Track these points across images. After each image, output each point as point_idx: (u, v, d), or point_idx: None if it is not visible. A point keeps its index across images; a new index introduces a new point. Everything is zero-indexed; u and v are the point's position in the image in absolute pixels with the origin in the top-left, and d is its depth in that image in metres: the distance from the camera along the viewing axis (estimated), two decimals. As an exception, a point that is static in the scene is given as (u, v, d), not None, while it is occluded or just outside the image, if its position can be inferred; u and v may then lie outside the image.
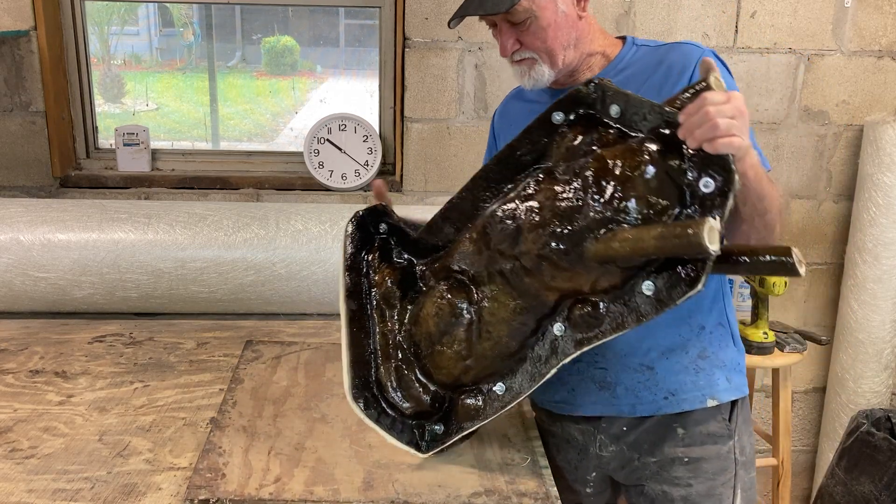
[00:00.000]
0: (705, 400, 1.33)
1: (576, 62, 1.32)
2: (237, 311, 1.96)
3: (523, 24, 1.27)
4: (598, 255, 1.06)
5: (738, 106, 1.00)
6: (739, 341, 1.41)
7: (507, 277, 1.17)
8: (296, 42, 2.72)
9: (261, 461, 1.27)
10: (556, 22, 1.27)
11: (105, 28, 2.66)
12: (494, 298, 1.20)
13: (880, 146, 2.35)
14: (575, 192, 1.10)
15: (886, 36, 2.41)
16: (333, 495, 1.19)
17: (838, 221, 2.57)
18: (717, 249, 0.95)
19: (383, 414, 1.27)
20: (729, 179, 1.00)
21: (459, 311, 1.22)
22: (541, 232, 1.11)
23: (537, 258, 1.12)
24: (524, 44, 1.29)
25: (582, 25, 1.31)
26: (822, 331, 2.65)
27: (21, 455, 1.31)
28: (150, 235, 1.90)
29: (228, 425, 1.38)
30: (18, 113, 2.30)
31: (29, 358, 1.70)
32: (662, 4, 2.34)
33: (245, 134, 2.78)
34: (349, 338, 1.28)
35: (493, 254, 1.19)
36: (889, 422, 2.27)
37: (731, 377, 1.36)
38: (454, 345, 1.23)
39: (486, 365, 1.23)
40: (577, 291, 1.13)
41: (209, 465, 1.24)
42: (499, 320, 1.19)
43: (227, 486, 1.19)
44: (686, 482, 1.35)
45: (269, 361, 1.65)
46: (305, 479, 1.23)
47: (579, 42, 1.31)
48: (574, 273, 1.10)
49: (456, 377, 1.26)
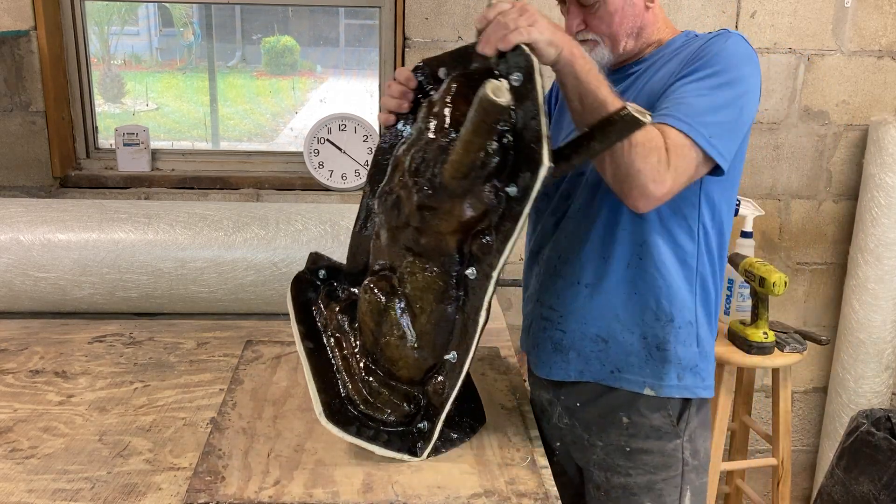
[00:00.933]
0: (643, 386, 1.36)
1: (635, 50, 1.37)
2: (237, 311, 1.96)
3: (592, 7, 1.31)
4: (450, 177, 1.14)
5: (521, 7, 1.09)
6: (707, 346, 1.39)
7: (411, 247, 1.24)
8: (296, 42, 2.72)
9: (260, 463, 1.26)
10: (624, 9, 1.31)
11: (105, 28, 2.66)
12: (411, 273, 1.25)
13: (883, 146, 2.35)
14: (422, 140, 1.20)
15: (886, 36, 2.41)
16: (333, 498, 1.19)
17: (838, 221, 2.57)
18: (507, 101, 1.06)
19: (363, 427, 1.28)
20: (528, 63, 1.08)
21: (386, 297, 1.26)
22: (410, 186, 1.20)
23: (419, 212, 1.19)
24: (589, 26, 1.33)
25: (648, 16, 1.35)
26: (823, 331, 2.65)
27: (21, 455, 1.31)
28: (150, 235, 1.90)
29: (228, 427, 1.37)
30: (18, 113, 2.30)
31: (29, 358, 1.69)
32: (662, 4, 2.33)
33: (245, 134, 2.78)
34: (312, 370, 1.32)
35: (393, 233, 1.26)
36: (889, 422, 2.27)
37: (683, 376, 1.36)
38: (394, 331, 1.26)
39: (432, 340, 1.26)
40: (465, 226, 1.19)
41: (209, 468, 1.24)
42: (422, 290, 1.24)
43: (227, 490, 1.19)
44: (626, 471, 1.39)
45: (269, 362, 1.65)
46: (305, 481, 1.22)
47: (642, 31, 1.35)
48: (449, 207, 1.17)
49: (414, 366, 1.28)
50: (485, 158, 1.12)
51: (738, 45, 1.26)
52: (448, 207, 1.18)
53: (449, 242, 1.21)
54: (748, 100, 1.25)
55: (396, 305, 1.26)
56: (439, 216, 1.19)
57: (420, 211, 1.20)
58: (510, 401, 1.52)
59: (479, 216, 1.17)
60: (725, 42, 1.26)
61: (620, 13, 1.32)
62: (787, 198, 2.54)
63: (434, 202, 1.18)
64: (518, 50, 1.09)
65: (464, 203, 1.17)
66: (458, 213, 1.18)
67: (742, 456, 2.53)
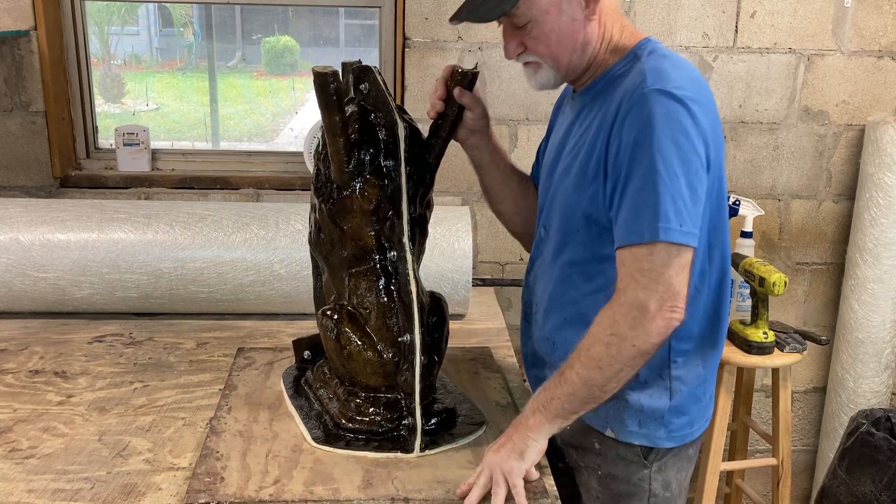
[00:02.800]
0: (605, 427, 1.32)
1: (584, 65, 1.27)
2: (237, 311, 1.96)
3: (525, 28, 1.22)
4: (337, 171, 1.29)
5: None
6: (686, 401, 1.31)
7: (346, 262, 1.35)
8: (296, 42, 2.72)
9: (259, 464, 1.27)
10: (560, 27, 1.21)
11: (105, 28, 2.66)
12: (352, 287, 1.35)
13: (881, 146, 2.35)
14: (318, 166, 1.38)
15: (886, 36, 2.41)
16: (334, 494, 1.19)
17: (838, 221, 2.57)
18: (333, 69, 1.23)
19: (350, 442, 1.33)
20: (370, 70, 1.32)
21: (336, 315, 1.35)
22: (319, 205, 1.36)
23: (333, 223, 1.33)
24: (528, 47, 1.24)
25: (592, 29, 1.24)
26: (822, 331, 2.65)
27: (21, 455, 1.31)
28: (150, 235, 1.90)
29: (224, 430, 1.37)
30: (18, 113, 2.30)
31: (29, 358, 1.70)
32: (662, 4, 2.34)
33: (245, 134, 2.78)
34: (297, 411, 1.43)
35: (329, 262, 1.40)
36: (889, 422, 2.27)
37: (646, 424, 1.30)
38: (351, 341, 1.34)
39: (385, 334, 1.33)
40: (371, 216, 1.30)
41: (207, 470, 1.24)
42: (363, 294, 1.34)
43: (227, 490, 1.19)
44: (597, 494, 1.36)
45: (262, 367, 1.64)
46: (304, 479, 1.23)
47: (587, 46, 1.24)
48: (350, 203, 1.30)
49: (380, 368, 1.34)
50: (349, 137, 1.26)
51: (658, 118, 1.12)
52: (349, 203, 1.30)
53: (367, 240, 1.32)
54: (688, 165, 1.13)
55: (346, 318, 1.34)
56: (347, 215, 1.31)
57: (333, 220, 1.33)
58: (504, 398, 1.52)
59: (375, 201, 1.29)
60: (645, 126, 1.12)
61: (557, 32, 1.21)
62: (786, 198, 2.54)
63: (338, 205, 1.31)
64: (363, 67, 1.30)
65: (357, 192, 1.29)
66: (359, 203, 1.30)
67: (742, 456, 2.53)
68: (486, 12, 1.21)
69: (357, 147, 1.28)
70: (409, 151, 1.31)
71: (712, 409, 1.40)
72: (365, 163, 1.29)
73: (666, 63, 1.19)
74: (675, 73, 1.16)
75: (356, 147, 1.28)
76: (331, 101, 1.24)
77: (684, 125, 1.12)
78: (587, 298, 1.28)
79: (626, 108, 1.16)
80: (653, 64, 1.19)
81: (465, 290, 1.95)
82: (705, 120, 1.15)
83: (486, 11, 1.21)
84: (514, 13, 1.21)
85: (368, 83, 1.31)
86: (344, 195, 1.30)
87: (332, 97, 1.24)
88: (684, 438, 1.32)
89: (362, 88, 1.31)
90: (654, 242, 1.11)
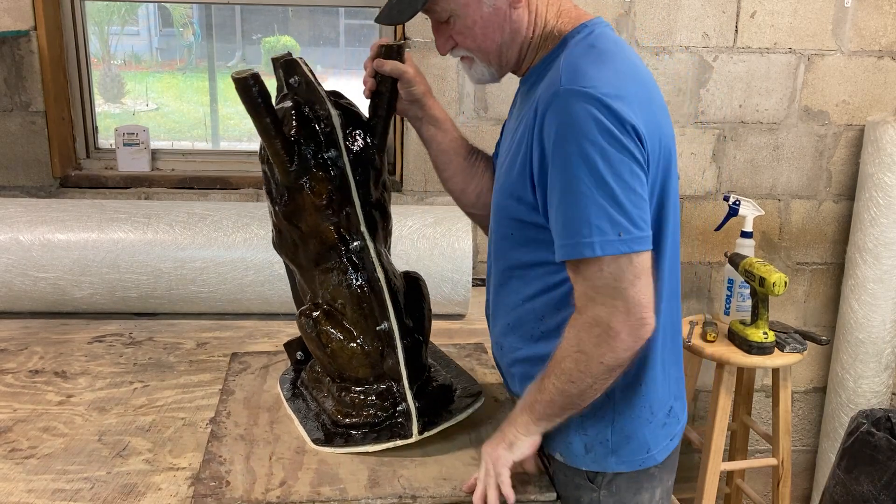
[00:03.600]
0: (555, 451, 1.26)
1: (516, 55, 1.20)
2: (237, 311, 1.96)
3: (450, 23, 1.18)
4: (282, 173, 1.27)
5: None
6: (633, 429, 1.22)
7: (313, 260, 1.34)
8: (296, 42, 2.72)
9: (263, 466, 1.26)
10: (483, 18, 1.16)
11: (105, 28, 2.66)
12: (323, 284, 1.34)
13: (881, 146, 2.35)
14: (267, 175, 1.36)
15: (886, 36, 2.41)
16: (341, 494, 1.19)
17: (838, 221, 2.57)
18: (250, 72, 1.21)
19: (350, 438, 1.33)
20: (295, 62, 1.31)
21: (313, 313, 1.34)
22: (274, 210, 1.34)
23: (289, 223, 1.32)
24: (458, 42, 1.20)
25: (518, 17, 1.16)
26: (822, 331, 2.65)
27: (20, 455, 1.31)
28: (150, 235, 1.90)
29: (226, 435, 1.37)
30: (18, 113, 2.30)
31: (29, 358, 1.70)
32: (662, 4, 2.34)
33: (245, 134, 2.78)
34: (295, 414, 1.43)
35: (298, 261, 1.38)
36: (889, 422, 2.27)
37: (593, 448, 1.22)
38: (332, 336, 1.33)
39: (364, 326, 1.32)
40: (326, 210, 1.29)
41: (212, 475, 1.24)
42: (334, 289, 1.33)
43: (234, 493, 1.19)
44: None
45: (257, 371, 1.64)
46: (310, 480, 1.23)
47: (516, 35, 1.17)
48: (301, 201, 1.29)
49: (365, 360, 1.33)
50: (286, 137, 1.25)
51: (574, 121, 1.04)
52: (301, 202, 1.29)
53: (328, 235, 1.31)
54: (618, 167, 1.04)
55: (323, 316, 1.34)
56: (302, 214, 1.30)
57: (289, 221, 1.32)
58: (503, 393, 1.53)
59: (326, 194, 1.28)
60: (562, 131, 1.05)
61: (481, 24, 1.16)
62: (787, 198, 2.54)
63: (291, 206, 1.30)
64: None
65: (307, 189, 1.28)
66: (310, 200, 1.28)
67: (742, 456, 2.53)
68: (398, 14, 1.18)
69: (296, 144, 1.27)
70: (351, 137, 1.29)
71: (679, 427, 1.29)
72: (307, 158, 1.27)
73: (589, 56, 1.10)
74: (592, 70, 1.07)
75: (296, 144, 1.27)
76: (257, 105, 1.22)
77: (605, 125, 1.03)
78: (525, 305, 1.23)
79: (542, 110, 1.09)
80: (573, 59, 1.10)
81: (465, 290, 1.95)
82: (633, 114, 1.05)
83: (398, 13, 1.18)
84: (433, 9, 1.17)
85: (297, 76, 1.28)
86: (294, 194, 1.29)
87: (258, 100, 1.22)
88: (643, 463, 1.23)
89: (292, 82, 1.29)
90: (598, 258, 1.05)
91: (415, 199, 2.42)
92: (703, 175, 2.50)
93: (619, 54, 1.13)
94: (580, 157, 1.03)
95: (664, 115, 1.17)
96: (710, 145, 2.47)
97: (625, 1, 2.33)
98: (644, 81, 1.14)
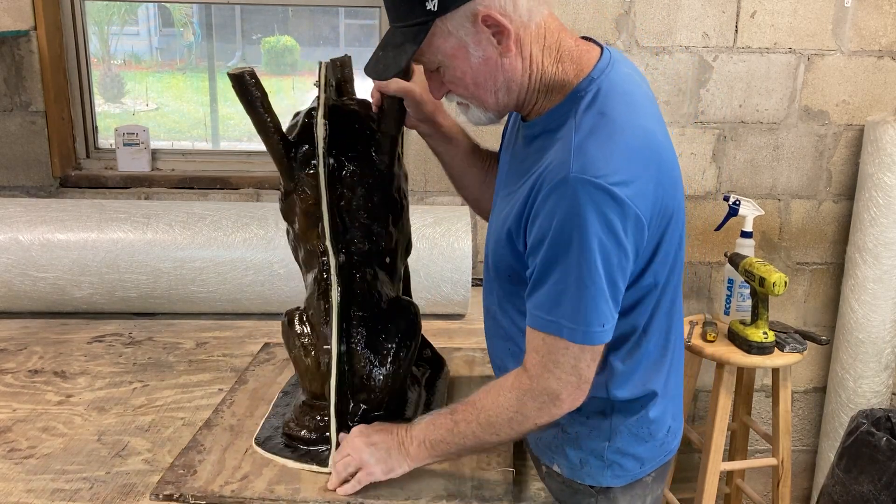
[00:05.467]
0: (553, 461, 1.29)
1: (514, 102, 1.17)
2: (237, 311, 1.96)
3: (440, 72, 1.15)
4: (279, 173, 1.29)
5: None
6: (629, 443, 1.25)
7: (304, 263, 1.34)
8: (296, 42, 2.72)
9: (235, 459, 1.27)
10: (474, 68, 1.11)
11: (105, 28, 2.66)
12: (308, 290, 1.33)
13: (881, 146, 2.35)
14: None
15: (886, 36, 2.41)
16: (292, 494, 1.19)
17: (838, 221, 2.57)
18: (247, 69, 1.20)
19: (283, 447, 1.30)
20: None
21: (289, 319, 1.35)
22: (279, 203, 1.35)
23: (286, 222, 1.33)
24: (451, 90, 1.17)
25: (510, 65, 1.11)
26: (822, 331, 2.64)
27: (20, 455, 1.31)
28: (150, 235, 1.90)
29: (217, 424, 1.39)
30: (18, 113, 2.30)
31: (28, 358, 1.70)
32: (662, 4, 2.34)
33: (245, 134, 2.77)
34: (273, 409, 1.43)
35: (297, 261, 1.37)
36: (889, 422, 2.27)
37: (588, 462, 1.26)
38: (296, 342, 1.32)
39: (318, 342, 1.31)
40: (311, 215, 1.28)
41: (185, 463, 1.26)
42: (311, 297, 1.32)
43: (194, 483, 1.20)
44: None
45: (279, 363, 1.65)
46: (271, 478, 1.23)
47: (511, 83, 1.13)
48: (290, 202, 1.30)
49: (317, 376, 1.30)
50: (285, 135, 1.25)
51: (580, 211, 1.03)
52: (293, 203, 1.29)
53: (313, 241, 1.29)
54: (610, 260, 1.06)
55: (294, 322, 1.34)
56: (294, 216, 1.30)
57: (286, 219, 1.33)
58: None
59: (312, 200, 1.26)
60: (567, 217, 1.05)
61: (471, 73, 1.12)
62: (787, 198, 2.54)
63: (286, 205, 1.31)
64: None
65: (297, 192, 1.28)
66: (299, 203, 1.28)
67: (742, 456, 2.53)
68: (384, 69, 1.13)
69: (295, 146, 1.26)
70: (352, 149, 1.26)
71: (675, 443, 1.33)
72: (303, 161, 1.27)
73: (599, 134, 1.07)
74: (602, 153, 1.05)
75: (294, 146, 1.26)
76: (255, 100, 1.21)
77: (609, 218, 1.03)
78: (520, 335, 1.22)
79: (548, 188, 1.07)
80: (583, 137, 1.07)
81: (465, 290, 1.95)
82: (640, 201, 1.06)
83: (384, 68, 1.13)
84: (421, 59, 1.14)
85: (330, 78, 1.28)
86: (289, 194, 1.30)
87: (255, 95, 1.20)
88: (635, 476, 1.28)
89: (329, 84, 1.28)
90: (573, 342, 1.08)
91: (415, 199, 2.42)
92: (703, 175, 2.50)
93: (629, 123, 1.09)
94: (580, 247, 1.04)
95: (672, 178, 1.15)
96: (710, 145, 2.47)
97: (625, 1, 2.32)
98: (655, 148, 1.11)
